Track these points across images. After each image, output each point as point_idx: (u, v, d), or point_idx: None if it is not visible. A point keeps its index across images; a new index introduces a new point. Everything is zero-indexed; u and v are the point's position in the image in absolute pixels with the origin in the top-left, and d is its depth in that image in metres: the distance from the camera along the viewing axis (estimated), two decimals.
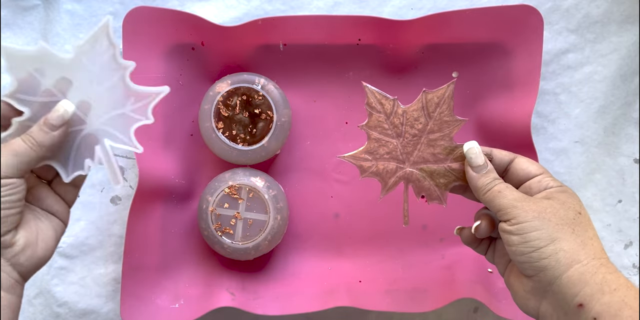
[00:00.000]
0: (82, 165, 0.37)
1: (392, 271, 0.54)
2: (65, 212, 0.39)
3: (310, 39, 0.52)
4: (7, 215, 0.34)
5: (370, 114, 0.42)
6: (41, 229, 0.37)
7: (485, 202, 0.39)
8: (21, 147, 0.34)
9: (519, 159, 0.41)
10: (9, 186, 0.34)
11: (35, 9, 0.53)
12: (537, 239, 0.35)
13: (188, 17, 0.50)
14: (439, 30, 0.51)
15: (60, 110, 0.35)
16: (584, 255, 0.35)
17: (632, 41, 0.55)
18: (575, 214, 0.37)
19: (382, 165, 0.42)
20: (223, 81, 0.51)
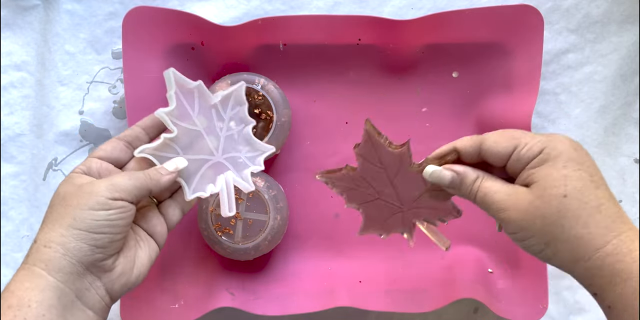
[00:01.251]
0: (204, 189, 0.42)
1: (392, 271, 0.54)
2: (164, 236, 0.41)
3: (310, 39, 0.52)
4: (113, 240, 0.36)
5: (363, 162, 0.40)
6: (139, 256, 0.39)
7: (479, 207, 0.37)
8: (140, 177, 0.38)
9: (485, 142, 0.36)
10: (121, 209, 0.36)
11: (35, 9, 0.53)
12: (532, 244, 0.34)
13: (188, 17, 0.50)
14: (439, 30, 0.51)
15: (173, 163, 0.40)
16: (583, 251, 0.32)
17: (632, 41, 0.55)
18: (559, 202, 0.32)
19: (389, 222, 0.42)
20: (223, 81, 0.51)
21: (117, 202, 0.36)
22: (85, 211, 0.35)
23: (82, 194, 0.36)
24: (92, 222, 0.35)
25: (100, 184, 0.36)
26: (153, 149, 0.40)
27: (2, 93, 0.53)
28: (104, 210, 0.35)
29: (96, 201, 0.35)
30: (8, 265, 0.53)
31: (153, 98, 0.51)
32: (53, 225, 0.35)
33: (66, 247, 0.34)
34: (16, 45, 0.53)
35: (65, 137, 0.53)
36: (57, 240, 0.34)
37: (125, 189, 0.36)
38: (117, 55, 0.54)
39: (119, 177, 0.37)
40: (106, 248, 0.35)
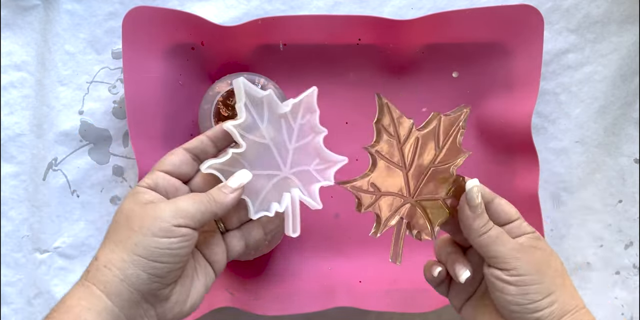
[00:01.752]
0: (268, 207, 0.39)
1: (392, 271, 0.54)
2: (223, 265, 0.39)
3: (310, 39, 0.52)
4: (172, 269, 0.34)
5: (380, 135, 0.35)
6: (195, 286, 0.37)
7: (478, 245, 0.37)
8: (203, 201, 0.35)
9: (499, 199, 0.39)
10: (184, 237, 0.34)
11: (35, 9, 0.53)
12: (536, 292, 0.36)
13: (188, 17, 0.50)
14: (439, 30, 0.51)
15: (237, 179, 0.37)
16: (572, 305, 0.37)
17: (632, 41, 0.55)
18: (560, 264, 0.38)
19: (385, 202, 0.38)
20: (223, 81, 0.51)
21: (180, 229, 0.34)
22: (148, 237, 0.33)
23: (147, 217, 0.34)
24: (154, 249, 0.33)
25: (165, 208, 0.34)
26: (220, 164, 0.37)
27: (2, 93, 0.53)
28: (167, 237, 0.33)
29: (159, 227, 0.33)
30: (8, 265, 0.53)
31: (153, 98, 0.51)
32: (116, 246, 0.34)
33: (125, 273, 0.33)
34: (16, 45, 0.53)
35: (65, 137, 0.53)
36: (118, 265, 0.33)
37: (189, 215, 0.34)
38: (117, 55, 0.54)
39: (184, 200, 0.35)
40: (164, 277, 0.34)
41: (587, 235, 0.56)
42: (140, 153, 0.49)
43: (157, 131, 0.51)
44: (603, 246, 0.56)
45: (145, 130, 0.50)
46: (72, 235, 0.53)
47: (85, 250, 0.53)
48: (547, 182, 0.55)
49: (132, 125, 0.49)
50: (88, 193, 0.54)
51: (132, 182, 0.54)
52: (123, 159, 0.54)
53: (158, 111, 0.51)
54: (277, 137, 0.38)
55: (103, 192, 0.54)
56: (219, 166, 0.37)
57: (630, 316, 0.56)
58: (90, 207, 0.53)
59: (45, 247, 0.53)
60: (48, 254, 0.53)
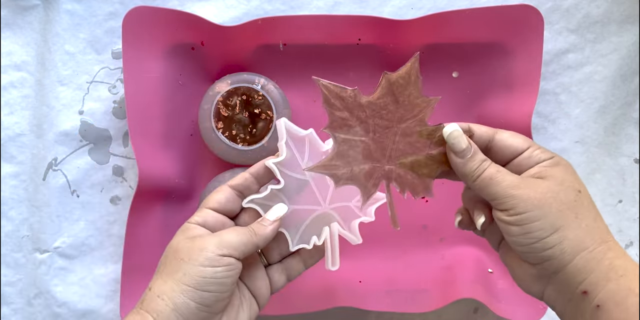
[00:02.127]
0: (307, 240, 0.41)
1: (392, 271, 0.54)
2: (266, 299, 0.41)
3: (310, 39, 0.52)
4: (219, 299, 0.36)
5: (330, 113, 0.36)
6: (240, 317, 0.39)
7: (477, 190, 0.36)
8: (245, 233, 0.38)
9: (500, 133, 0.37)
10: (228, 266, 0.36)
11: (35, 8, 0.53)
12: (539, 229, 0.33)
13: (188, 17, 0.50)
14: (439, 30, 0.51)
15: (275, 212, 0.39)
16: (590, 241, 0.33)
17: (632, 41, 0.55)
18: (575, 194, 0.34)
19: (357, 169, 0.37)
20: (223, 81, 0.51)
21: (225, 258, 0.36)
22: (195, 267, 0.35)
23: (194, 249, 0.36)
24: (200, 279, 0.35)
25: (210, 240, 0.37)
26: (260, 199, 0.39)
27: (2, 93, 0.53)
28: (212, 266, 0.35)
29: (205, 257, 0.36)
30: (8, 265, 0.53)
31: (153, 98, 0.51)
32: (167, 277, 0.36)
33: (175, 303, 0.35)
34: (16, 45, 0.53)
35: (65, 137, 0.53)
36: (169, 294, 0.35)
37: (233, 246, 0.37)
38: (117, 55, 0.54)
39: (228, 233, 0.37)
40: (211, 306, 0.36)
41: None
42: (140, 153, 0.49)
43: (157, 131, 0.51)
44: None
45: (145, 130, 0.50)
46: (72, 235, 0.53)
47: (85, 250, 0.53)
48: None
49: (132, 125, 0.49)
50: (88, 193, 0.54)
51: (132, 182, 0.54)
52: (123, 159, 0.54)
53: (158, 111, 0.51)
54: (317, 174, 0.39)
55: (103, 192, 0.54)
56: (259, 201, 0.39)
57: None
58: (90, 207, 0.53)
59: (45, 247, 0.53)
60: (48, 254, 0.53)
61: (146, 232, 0.51)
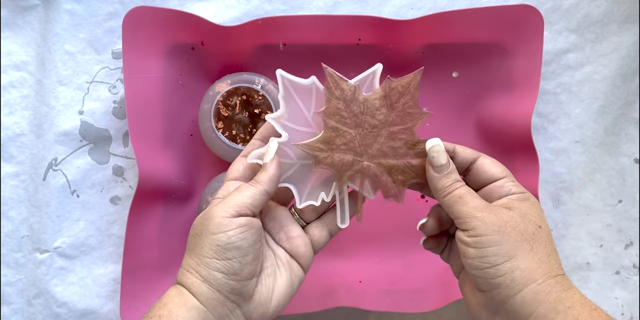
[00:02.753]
0: (316, 197, 0.39)
1: (392, 271, 0.54)
2: (309, 259, 0.40)
3: (310, 39, 0.52)
4: (243, 263, 0.35)
5: (328, 100, 0.37)
6: (278, 285, 0.38)
7: (444, 206, 0.36)
8: (248, 186, 0.37)
9: (482, 158, 0.38)
10: (241, 228, 0.35)
11: (35, 8, 0.53)
12: (494, 255, 0.34)
13: (188, 17, 0.50)
14: (439, 30, 0.51)
15: (270, 151, 0.38)
16: (540, 274, 0.34)
17: (632, 41, 0.54)
18: (535, 228, 0.35)
19: (338, 157, 0.38)
20: (223, 81, 0.51)
21: (235, 220, 0.35)
22: (208, 237, 0.35)
23: (205, 220, 0.36)
24: (216, 248, 0.35)
25: (216, 207, 0.36)
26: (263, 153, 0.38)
27: (2, 93, 0.53)
28: (223, 232, 0.35)
29: (214, 224, 0.35)
30: (8, 265, 0.53)
31: (153, 98, 0.51)
32: (191, 253, 0.36)
33: (202, 275, 0.35)
34: (16, 45, 0.53)
35: (65, 137, 0.53)
36: (195, 268, 0.35)
37: (239, 204, 0.36)
38: (117, 55, 0.54)
39: (232, 194, 0.37)
40: (238, 274, 0.35)
41: (587, 235, 0.56)
42: (140, 153, 0.49)
43: (157, 131, 0.51)
44: (603, 246, 0.56)
45: (145, 130, 0.50)
46: (72, 235, 0.53)
47: (85, 250, 0.53)
48: (547, 182, 0.55)
49: (132, 125, 0.49)
50: (88, 193, 0.54)
51: (132, 182, 0.54)
52: (123, 159, 0.54)
53: (158, 111, 0.51)
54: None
55: (103, 192, 0.54)
56: (262, 156, 0.38)
57: (630, 316, 0.56)
58: (90, 207, 0.53)
59: (45, 247, 0.53)
60: (48, 254, 0.53)
61: (146, 232, 0.51)
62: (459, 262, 0.40)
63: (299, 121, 0.38)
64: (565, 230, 0.56)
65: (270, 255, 0.39)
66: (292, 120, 0.38)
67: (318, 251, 0.40)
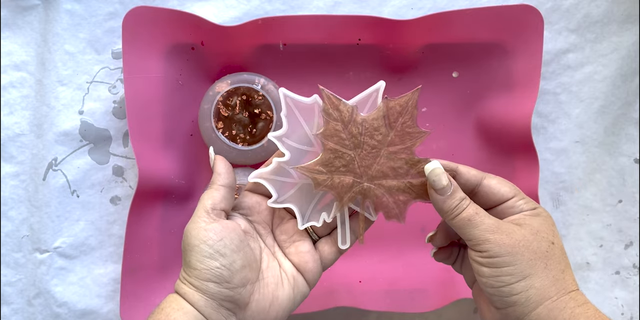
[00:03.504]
0: (317, 218, 0.39)
1: (392, 271, 0.54)
2: (316, 275, 0.40)
3: (310, 39, 0.52)
4: (232, 270, 0.35)
5: (326, 122, 0.37)
6: (279, 297, 0.38)
7: (454, 228, 0.36)
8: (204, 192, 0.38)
9: (489, 179, 0.38)
10: (213, 234, 0.35)
11: (35, 8, 0.53)
12: (509, 274, 0.34)
13: (188, 17, 0.50)
14: (439, 30, 0.51)
15: (211, 153, 0.40)
16: (554, 291, 0.34)
17: (632, 41, 0.54)
18: (548, 245, 0.35)
19: (338, 179, 0.37)
20: (223, 81, 0.51)
21: (209, 227, 0.36)
22: (192, 250, 0.35)
23: (185, 236, 0.36)
24: (202, 258, 0.35)
25: (189, 223, 0.37)
26: (267, 173, 0.38)
27: (2, 93, 0.53)
28: (203, 242, 0.35)
29: (192, 237, 0.36)
30: (8, 265, 0.53)
31: (153, 98, 0.51)
32: (184, 265, 0.37)
33: (195, 286, 0.35)
34: (16, 45, 0.53)
35: (65, 137, 0.53)
36: (188, 280, 0.36)
37: (202, 208, 0.36)
38: (117, 55, 0.54)
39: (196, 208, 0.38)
40: (229, 282, 0.35)
41: (587, 235, 0.56)
42: (140, 153, 0.49)
43: (157, 131, 0.51)
44: (603, 246, 0.56)
45: (145, 130, 0.50)
46: (72, 235, 0.53)
47: (85, 250, 0.53)
48: (547, 182, 0.55)
49: (132, 125, 0.49)
50: (88, 193, 0.54)
51: (132, 182, 0.54)
52: (123, 159, 0.54)
53: (158, 111, 0.51)
54: None
55: (103, 192, 0.54)
56: (266, 175, 0.38)
57: (630, 316, 0.56)
58: (90, 207, 0.53)
59: (45, 247, 0.53)
60: (48, 254, 0.53)
61: (146, 232, 0.51)
62: (471, 274, 0.40)
63: (301, 140, 0.38)
64: (565, 230, 0.56)
65: (275, 266, 0.39)
66: (295, 138, 0.38)
67: (327, 268, 0.40)
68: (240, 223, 0.38)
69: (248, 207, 0.40)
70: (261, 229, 0.40)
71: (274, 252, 0.39)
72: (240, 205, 0.40)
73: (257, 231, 0.39)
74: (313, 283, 0.40)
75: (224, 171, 0.39)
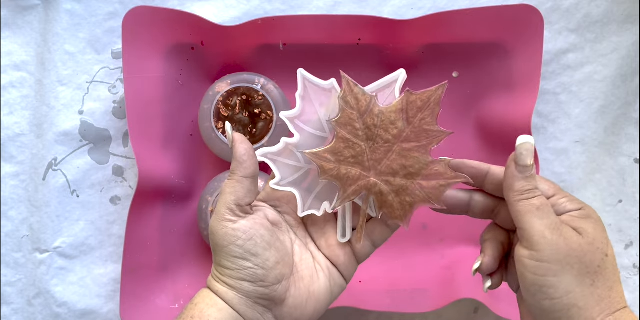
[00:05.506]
0: (318, 207, 0.38)
1: (392, 271, 0.54)
2: (350, 268, 0.38)
3: (310, 39, 0.52)
4: (265, 268, 0.34)
5: (342, 109, 0.35)
6: (315, 290, 0.36)
7: (514, 211, 0.33)
8: (226, 184, 0.35)
9: None
10: (238, 232, 0.34)
11: (35, 8, 0.53)
12: (552, 286, 0.32)
13: (188, 17, 0.50)
14: (439, 30, 0.51)
15: (229, 131, 0.37)
16: (598, 312, 0.32)
17: (632, 41, 0.54)
18: (602, 258, 0.32)
19: (345, 170, 0.36)
20: (223, 81, 0.51)
21: (236, 227, 0.34)
22: (222, 251, 0.34)
23: (212, 235, 0.35)
24: (233, 259, 0.34)
25: (212, 220, 0.35)
26: (273, 153, 0.37)
27: (2, 93, 0.53)
28: (232, 243, 0.34)
29: (220, 237, 0.34)
30: (8, 265, 0.53)
31: (153, 98, 0.51)
32: (215, 263, 0.36)
33: (229, 284, 0.34)
34: (16, 45, 0.53)
35: (65, 137, 0.53)
36: (221, 278, 0.35)
37: (225, 206, 0.35)
38: (117, 55, 0.54)
39: (217, 202, 0.36)
40: (264, 280, 0.34)
41: None
42: (140, 153, 0.49)
43: (157, 131, 0.51)
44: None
45: (145, 130, 0.50)
46: (72, 235, 0.53)
47: (85, 250, 0.53)
48: None
49: (132, 125, 0.49)
50: (88, 193, 0.54)
51: (132, 182, 0.54)
52: (123, 159, 0.54)
53: (158, 111, 0.51)
54: None
55: (103, 192, 0.54)
56: (271, 156, 0.37)
57: None
58: (90, 207, 0.53)
59: (45, 247, 0.53)
60: (48, 254, 0.53)
61: (146, 232, 0.51)
62: (516, 278, 0.36)
63: (312, 123, 0.37)
64: None
65: (308, 258, 0.37)
66: (306, 121, 0.37)
67: (362, 261, 0.39)
68: (268, 214, 0.37)
69: (277, 198, 0.38)
70: (292, 220, 0.38)
71: (306, 243, 0.38)
72: (270, 197, 0.38)
73: (287, 222, 0.38)
74: (349, 276, 0.38)
75: (247, 159, 0.35)
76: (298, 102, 0.36)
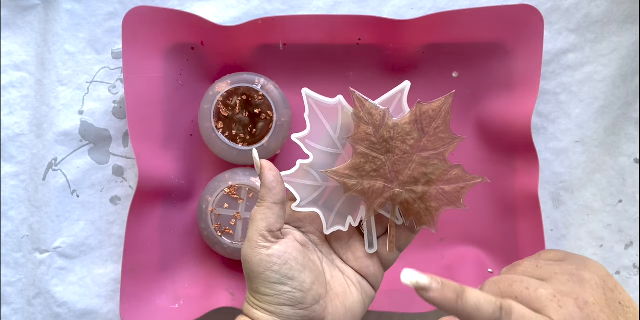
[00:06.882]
0: (342, 222, 0.39)
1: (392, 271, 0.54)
2: (379, 277, 0.39)
3: (310, 39, 0.52)
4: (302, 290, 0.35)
5: (357, 125, 0.36)
6: (350, 305, 0.37)
7: None
8: (256, 211, 0.36)
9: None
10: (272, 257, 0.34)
11: (35, 8, 0.53)
12: None
13: (188, 17, 0.50)
14: (439, 30, 0.51)
15: (256, 158, 0.37)
16: None
17: (632, 41, 0.54)
18: None
19: (368, 184, 0.37)
20: (223, 81, 0.51)
21: (270, 253, 0.35)
22: (258, 278, 0.35)
23: (245, 263, 0.36)
24: (271, 285, 0.35)
25: (244, 247, 0.36)
26: (288, 176, 0.37)
27: (2, 93, 0.53)
28: (269, 269, 0.34)
29: (255, 264, 0.35)
30: (8, 265, 0.53)
31: (153, 98, 0.51)
32: (250, 290, 0.36)
33: (268, 310, 0.35)
34: (16, 45, 0.53)
35: (65, 137, 0.53)
36: (260, 305, 0.35)
37: (258, 232, 0.35)
38: (117, 55, 0.54)
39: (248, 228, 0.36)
40: (303, 302, 0.35)
41: (587, 235, 0.56)
42: (140, 153, 0.49)
43: (157, 131, 0.51)
44: (603, 246, 0.56)
45: (145, 130, 0.50)
46: (72, 235, 0.53)
47: (85, 250, 0.53)
48: (547, 182, 0.55)
49: (132, 125, 0.49)
50: (88, 193, 0.54)
51: (132, 182, 0.54)
52: (123, 159, 0.54)
53: (158, 111, 0.51)
54: (349, 146, 0.38)
55: (103, 192, 0.54)
56: (287, 178, 0.37)
57: None
58: (90, 207, 0.53)
59: (45, 247, 0.53)
60: (48, 254, 0.53)
61: (146, 232, 0.51)
62: None
63: (323, 141, 0.38)
64: (565, 230, 0.56)
65: (338, 275, 0.38)
66: (317, 140, 0.38)
67: (388, 268, 0.40)
68: (296, 236, 0.37)
69: (299, 219, 0.39)
70: (316, 238, 0.39)
71: (333, 260, 0.39)
72: (292, 219, 0.39)
73: (312, 242, 0.39)
74: (378, 285, 0.39)
75: (276, 186, 0.36)
76: (307, 122, 0.37)
